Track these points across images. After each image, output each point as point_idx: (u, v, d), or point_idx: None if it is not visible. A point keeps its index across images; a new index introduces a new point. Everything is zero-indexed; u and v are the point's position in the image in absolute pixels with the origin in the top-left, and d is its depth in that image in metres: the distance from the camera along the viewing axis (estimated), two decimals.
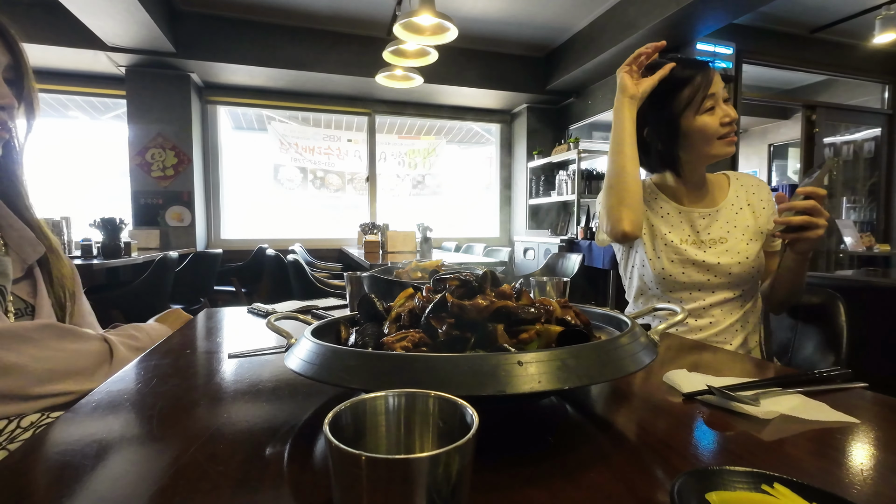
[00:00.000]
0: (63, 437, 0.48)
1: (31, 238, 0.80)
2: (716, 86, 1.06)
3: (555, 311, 0.57)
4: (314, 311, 1.14)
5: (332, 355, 0.46)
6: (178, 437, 0.48)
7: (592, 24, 4.04)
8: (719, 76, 1.08)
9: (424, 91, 4.62)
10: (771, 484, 0.32)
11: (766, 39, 4.18)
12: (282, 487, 0.39)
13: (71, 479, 0.40)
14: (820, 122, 4.64)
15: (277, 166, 5.09)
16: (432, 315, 0.53)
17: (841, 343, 1.02)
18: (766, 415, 0.52)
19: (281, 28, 4.11)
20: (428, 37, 2.56)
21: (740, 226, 1.13)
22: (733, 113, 1.08)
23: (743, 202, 1.16)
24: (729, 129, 1.07)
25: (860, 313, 1.07)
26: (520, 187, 5.44)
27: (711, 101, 1.06)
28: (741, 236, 1.12)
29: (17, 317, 0.75)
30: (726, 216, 1.15)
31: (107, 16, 3.19)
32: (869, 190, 5.05)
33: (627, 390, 0.62)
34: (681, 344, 0.90)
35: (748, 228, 1.13)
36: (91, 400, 0.59)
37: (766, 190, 1.19)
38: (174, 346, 0.84)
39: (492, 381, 0.40)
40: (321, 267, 4.28)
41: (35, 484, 0.39)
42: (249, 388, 0.62)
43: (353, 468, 0.26)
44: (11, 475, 0.40)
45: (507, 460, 0.42)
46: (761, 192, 1.18)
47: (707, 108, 1.06)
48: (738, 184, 1.19)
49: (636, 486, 0.38)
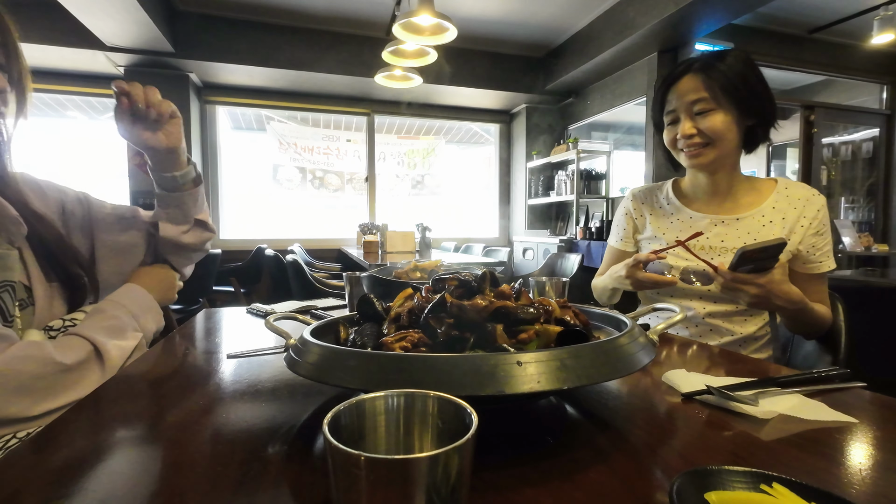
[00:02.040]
0: (62, 438, 0.48)
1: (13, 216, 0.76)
2: (677, 100, 1.07)
3: (554, 311, 0.57)
4: (313, 312, 1.14)
5: (331, 355, 0.46)
6: (178, 438, 0.48)
7: (591, 25, 4.05)
8: (694, 84, 1.05)
9: (423, 91, 4.61)
10: (769, 483, 0.32)
11: (765, 40, 4.19)
12: (281, 488, 0.39)
13: (69, 480, 0.39)
14: (818, 123, 4.65)
15: (276, 166, 5.08)
16: (431, 315, 0.53)
17: (839, 343, 1.02)
18: (765, 415, 0.52)
19: (280, 28, 4.11)
20: (427, 37, 2.55)
21: (759, 237, 1.06)
22: (687, 129, 1.05)
23: (777, 215, 1.07)
24: (685, 142, 1.07)
25: (859, 313, 1.06)
26: (519, 187, 5.44)
27: (671, 116, 1.10)
28: None
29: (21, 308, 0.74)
30: (749, 226, 1.08)
31: (105, 15, 3.18)
32: (867, 190, 5.06)
33: (626, 390, 0.62)
34: (680, 344, 0.90)
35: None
36: (90, 400, 0.59)
37: (815, 206, 1.06)
38: (173, 347, 0.84)
39: (491, 381, 0.40)
40: (320, 267, 4.28)
41: (33, 484, 0.39)
42: (248, 389, 0.62)
43: (352, 468, 0.26)
44: (10, 475, 0.40)
45: (506, 460, 0.42)
46: (808, 210, 1.06)
47: (668, 123, 1.12)
48: (782, 194, 1.09)
49: (635, 485, 0.39)
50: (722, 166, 1.10)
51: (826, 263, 1.06)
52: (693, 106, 1.05)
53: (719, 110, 1.03)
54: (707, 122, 1.04)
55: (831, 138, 4.93)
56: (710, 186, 1.14)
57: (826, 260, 1.06)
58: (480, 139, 5.84)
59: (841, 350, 1.01)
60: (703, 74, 1.04)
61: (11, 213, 0.75)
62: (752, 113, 1.05)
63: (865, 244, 4.28)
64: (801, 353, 1.13)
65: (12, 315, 0.72)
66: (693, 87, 1.04)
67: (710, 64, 1.04)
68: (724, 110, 1.03)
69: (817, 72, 4.64)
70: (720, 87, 1.02)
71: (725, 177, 1.11)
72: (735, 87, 1.02)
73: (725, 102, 1.03)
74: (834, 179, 4.98)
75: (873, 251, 4.27)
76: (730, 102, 1.03)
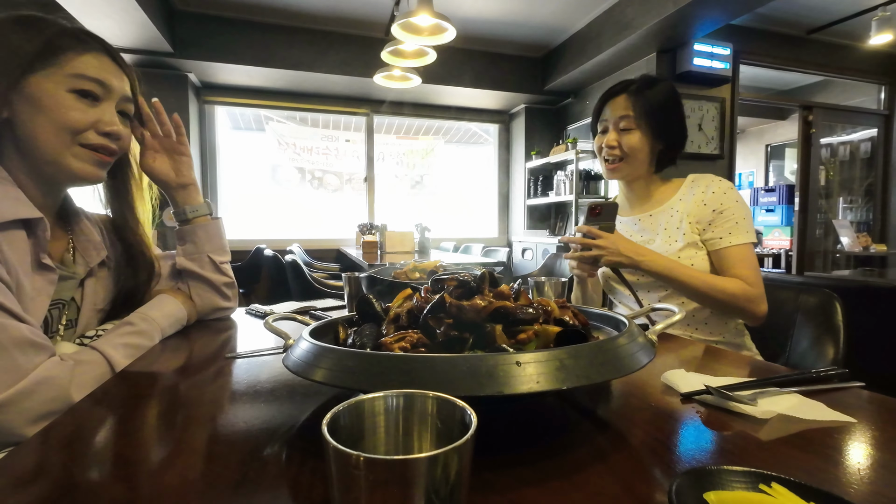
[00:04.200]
0: (60, 438, 0.48)
1: (97, 241, 0.87)
2: (609, 113, 1.21)
3: (553, 311, 0.57)
4: (312, 312, 1.14)
5: (330, 356, 0.46)
6: (176, 438, 0.48)
7: (590, 25, 4.05)
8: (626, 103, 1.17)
9: (422, 91, 4.61)
10: (768, 483, 0.32)
11: (764, 40, 4.19)
12: (280, 488, 0.39)
13: (66, 481, 0.39)
14: (817, 123, 4.66)
15: (275, 166, 5.08)
16: (430, 315, 0.53)
17: (838, 343, 1.02)
18: (764, 414, 0.52)
19: (279, 28, 4.10)
20: (426, 37, 2.56)
21: (669, 227, 1.18)
22: (611, 139, 1.19)
23: (682, 205, 1.18)
24: (607, 152, 1.21)
25: (857, 313, 1.07)
26: (518, 187, 5.44)
27: (603, 125, 1.23)
28: (666, 237, 1.18)
29: (67, 328, 0.80)
30: (660, 219, 1.21)
31: (104, 16, 3.18)
32: (865, 190, 5.07)
33: (625, 390, 0.62)
34: (679, 344, 0.90)
35: (676, 230, 1.16)
36: (88, 401, 0.59)
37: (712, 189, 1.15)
38: (172, 347, 0.84)
39: (490, 381, 0.40)
40: (319, 267, 4.27)
41: (30, 485, 0.39)
42: (247, 389, 0.62)
43: (351, 469, 0.26)
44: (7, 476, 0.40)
45: (505, 461, 0.42)
46: (706, 193, 1.15)
47: (599, 131, 1.25)
48: (688, 187, 1.21)
49: (634, 486, 0.39)
50: (635, 178, 1.25)
51: (727, 239, 1.11)
52: (619, 122, 1.18)
53: (637, 130, 1.17)
54: (626, 138, 1.18)
55: (829, 138, 4.94)
56: (630, 193, 1.30)
57: (727, 236, 1.11)
58: (479, 139, 5.85)
59: (839, 350, 1.01)
60: (633, 97, 1.17)
61: (95, 238, 0.87)
62: (662, 138, 1.19)
63: (863, 244, 4.30)
64: (800, 352, 1.13)
65: (54, 331, 0.77)
66: (623, 106, 1.18)
67: (640, 90, 1.17)
68: (642, 131, 1.17)
69: (815, 72, 4.65)
70: (642, 111, 1.16)
71: (641, 184, 1.26)
72: (654, 114, 1.16)
73: (644, 125, 1.17)
74: (832, 179, 4.99)
75: (871, 251, 4.29)
76: (647, 125, 1.17)
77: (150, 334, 0.82)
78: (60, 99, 0.73)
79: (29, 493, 0.38)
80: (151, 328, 0.83)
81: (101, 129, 0.77)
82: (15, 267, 0.67)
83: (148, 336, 0.82)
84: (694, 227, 1.15)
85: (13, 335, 0.61)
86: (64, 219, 0.86)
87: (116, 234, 0.93)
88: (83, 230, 0.86)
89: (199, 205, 1.01)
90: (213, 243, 1.01)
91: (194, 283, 0.99)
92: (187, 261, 0.99)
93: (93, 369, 0.69)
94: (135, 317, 0.83)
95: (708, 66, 3.75)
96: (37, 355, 0.64)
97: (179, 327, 0.93)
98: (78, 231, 0.86)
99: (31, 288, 0.70)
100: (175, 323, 0.91)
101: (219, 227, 1.03)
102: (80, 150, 0.76)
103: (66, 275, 0.79)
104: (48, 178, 0.78)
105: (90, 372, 0.69)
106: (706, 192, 1.16)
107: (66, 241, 0.84)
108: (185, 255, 0.99)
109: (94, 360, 0.71)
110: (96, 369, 0.70)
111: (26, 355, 0.62)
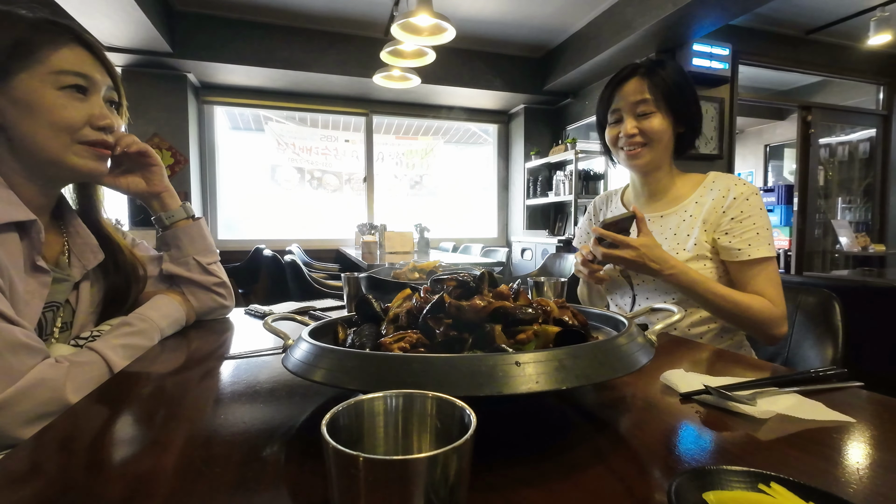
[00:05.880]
0: (59, 439, 0.48)
1: (93, 245, 0.86)
2: (622, 100, 1.12)
3: (552, 311, 0.57)
4: (311, 313, 1.14)
5: (329, 356, 0.46)
6: (175, 439, 0.48)
7: (589, 25, 4.05)
8: (640, 86, 1.09)
9: (422, 91, 4.61)
10: (768, 483, 0.32)
11: (762, 41, 4.20)
12: (280, 489, 0.38)
13: (65, 482, 0.39)
14: (815, 123, 4.66)
15: (274, 166, 5.08)
16: (430, 316, 0.53)
17: (837, 343, 1.02)
18: (763, 414, 0.52)
19: (278, 28, 4.10)
20: (425, 37, 2.56)
21: (679, 233, 1.10)
22: (630, 128, 1.10)
23: (698, 209, 1.10)
24: (626, 142, 1.12)
25: (856, 313, 1.07)
26: (517, 188, 5.44)
27: (615, 115, 1.14)
28: (674, 244, 1.10)
29: (62, 331, 0.79)
30: (670, 223, 1.13)
31: (103, 16, 3.17)
32: (864, 190, 5.08)
33: (625, 390, 0.62)
34: (678, 344, 0.90)
35: (687, 237, 1.09)
36: (86, 402, 0.59)
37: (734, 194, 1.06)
38: (171, 348, 0.84)
39: (489, 381, 0.40)
40: (318, 267, 4.27)
41: (27, 486, 0.39)
42: (247, 390, 0.62)
43: (351, 469, 0.26)
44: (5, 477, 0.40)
45: (504, 461, 0.42)
46: (727, 198, 1.06)
47: (612, 122, 1.16)
48: (707, 187, 1.12)
49: (634, 486, 0.39)
50: (656, 167, 1.15)
51: (746, 251, 1.02)
52: (636, 107, 1.10)
53: (658, 113, 1.10)
54: (647, 123, 1.10)
55: (828, 139, 4.95)
56: (644, 187, 1.20)
57: (746, 248, 1.02)
58: (479, 139, 5.85)
59: (838, 349, 1.01)
60: (647, 79, 1.10)
61: (92, 242, 0.86)
62: (683, 120, 1.12)
63: (862, 244, 4.30)
64: (799, 352, 1.13)
65: (48, 333, 0.76)
66: (637, 89, 1.10)
67: (653, 70, 1.10)
68: (663, 114, 1.10)
69: (814, 72, 4.66)
70: (661, 92, 1.09)
71: (659, 177, 1.17)
72: (673, 95, 1.09)
73: (664, 107, 1.09)
74: (831, 180, 5.00)
75: (870, 251, 4.29)
76: (668, 107, 1.10)
77: (149, 335, 0.82)
78: (52, 98, 0.72)
79: (25, 495, 0.38)
80: (150, 328, 0.83)
81: (96, 123, 0.77)
82: (8, 269, 0.67)
83: (147, 336, 0.81)
84: (709, 234, 1.06)
85: (5, 338, 0.61)
86: (59, 220, 0.85)
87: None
88: (79, 232, 0.86)
89: (175, 210, 0.99)
90: (196, 245, 0.99)
91: (186, 286, 0.98)
92: (174, 266, 0.98)
93: (90, 370, 0.69)
94: (133, 317, 0.83)
95: (707, 67, 3.76)
96: (30, 358, 0.63)
97: (178, 328, 0.92)
98: (73, 233, 0.85)
99: (24, 290, 0.70)
100: (174, 323, 0.90)
101: (200, 228, 1.01)
102: (80, 147, 0.76)
103: (60, 277, 0.79)
104: (50, 177, 0.78)
105: (88, 373, 0.68)
106: (726, 198, 1.06)
107: (62, 243, 0.83)
108: (171, 261, 0.98)
109: (92, 361, 0.70)
110: (94, 370, 0.69)
111: (19, 358, 0.62)
